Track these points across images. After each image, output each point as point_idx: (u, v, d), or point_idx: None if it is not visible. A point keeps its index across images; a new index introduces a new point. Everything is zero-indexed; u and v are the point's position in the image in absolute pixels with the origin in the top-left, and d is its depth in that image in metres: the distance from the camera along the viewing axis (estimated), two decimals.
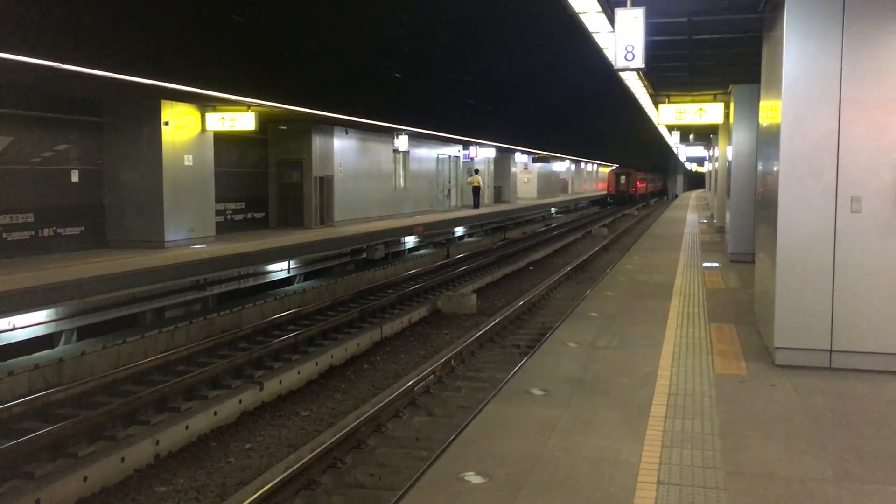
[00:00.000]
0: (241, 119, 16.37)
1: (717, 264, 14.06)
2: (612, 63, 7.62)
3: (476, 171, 33.10)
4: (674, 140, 33.92)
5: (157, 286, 12.21)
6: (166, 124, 15.36)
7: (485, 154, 33.65)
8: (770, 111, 7.35)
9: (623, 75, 13.01)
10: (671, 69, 12.57)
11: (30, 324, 10.16)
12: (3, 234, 13.04)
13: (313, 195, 20.84)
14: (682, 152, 41.96)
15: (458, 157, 33.14)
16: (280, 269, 15.81)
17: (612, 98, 24.32)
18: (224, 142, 18.10)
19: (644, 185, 63.98)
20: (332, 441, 6.75)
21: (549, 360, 6.99)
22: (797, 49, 6.45)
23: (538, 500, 4.07)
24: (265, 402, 8.83)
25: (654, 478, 4.31)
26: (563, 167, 55.28)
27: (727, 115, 15.06)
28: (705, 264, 14.08)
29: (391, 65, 19.51)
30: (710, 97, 15.30)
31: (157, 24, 11.91)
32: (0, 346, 9.82)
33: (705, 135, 27.37)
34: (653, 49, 9.06)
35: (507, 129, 31.60)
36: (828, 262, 6.44)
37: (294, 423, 8.30)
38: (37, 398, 7.89)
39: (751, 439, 4.91)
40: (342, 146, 22.29)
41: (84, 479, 6.33)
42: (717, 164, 23.82)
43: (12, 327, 9.90)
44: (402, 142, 25.11)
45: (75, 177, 14.78)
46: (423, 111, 22.93)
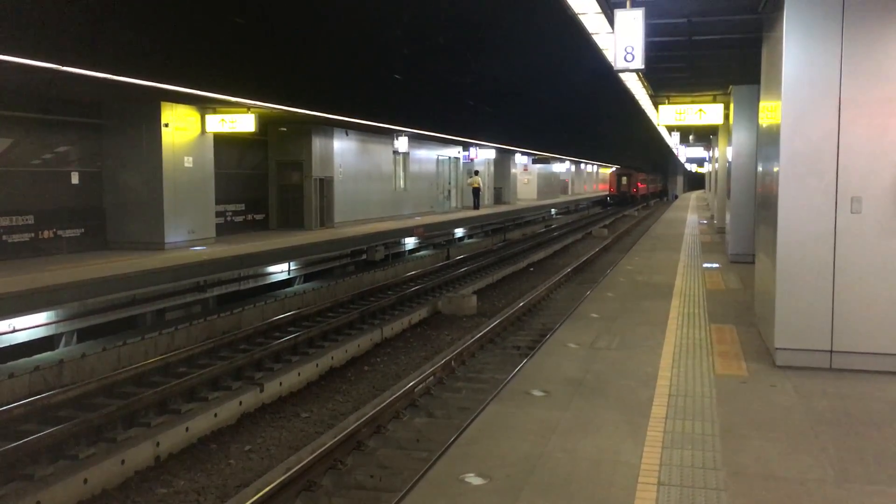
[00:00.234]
0: (241, 121, 16.38)
1: (717, 265, 14.05)
2: (612, 64, 7.62)
3: (476, 173, 33.11)
4: (674, 141, 33.91)
5: (158, 288, 12.22)
6: (166, 126, 15.36)
7: (485, 155, 33.65)
8: (770, 112, 7.34)
9: (623, 76, 13.02)
10: (671, 70, 12.58)
11: (30, 326, 10.17)
12: (3, 236, 13.05)
13: (313, 196, 20.85)
14: (682, 153, 42.00)
15: (458, 159, 33.14)
16: (280, 271, 15.81)
17: (612, 99, 24.28)
18: (224, 143, 18.11)
19: (645, 185, 64.13)
20: (332, 442, 6.74)
21: (549, 361, 6.98)
22: (797, 49, 6.45)
23: (539, 501, 4.07)
24: (265, 404, 8.83)
25: (655, 479, 4.30)
26: (564, 168, 55.31)
27: (727, 116, 15.06)
28: (705, 265, 14.07)
29: (391, 66, 19.49)
30: (710, 98, 15.30)
31: (156, 26, 11.91)
32: (0, 349, 9.83)
33: (705, 136, 27.38)
34: (652, 50, 9.06)
35: (507, 130, 31.58)
36: (828, 263, 6.43)
37: (294, 424, 8.30)
38: (37, 400, 7.89)
39: (751, 440, 4.91)
40: (342, 147, 22.30)
41: (84, 480, 6.33)
42: (716, 165, 23.82)
43: (12, 329, 9.91)
44: (401, 143, 25.12)
45: (75, 179, 14.79)
46: (423, 112, 22.91)
